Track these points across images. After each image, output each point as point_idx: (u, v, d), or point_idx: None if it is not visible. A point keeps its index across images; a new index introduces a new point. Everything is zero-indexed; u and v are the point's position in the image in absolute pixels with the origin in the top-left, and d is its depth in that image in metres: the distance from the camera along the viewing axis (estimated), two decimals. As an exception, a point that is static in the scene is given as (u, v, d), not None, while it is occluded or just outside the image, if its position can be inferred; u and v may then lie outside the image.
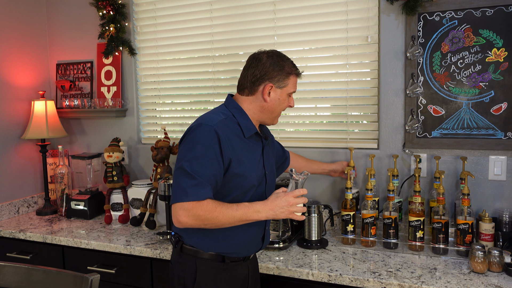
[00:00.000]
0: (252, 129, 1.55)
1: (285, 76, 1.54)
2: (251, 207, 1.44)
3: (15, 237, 2.33)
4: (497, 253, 1.65)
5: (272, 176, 1.68)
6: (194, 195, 1.38)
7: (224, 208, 1.41)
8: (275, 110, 1.58)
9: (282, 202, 1.45)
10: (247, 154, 1.51)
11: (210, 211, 1.39)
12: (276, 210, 1.44)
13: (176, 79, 2.67)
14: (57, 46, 2.92)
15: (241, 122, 1.53)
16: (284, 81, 1.54)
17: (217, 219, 1.40)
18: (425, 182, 2.13)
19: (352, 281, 1.64)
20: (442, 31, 2.03)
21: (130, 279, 2.07)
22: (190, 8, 2.56)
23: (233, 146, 1.47)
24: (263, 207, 1.44)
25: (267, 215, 1.44)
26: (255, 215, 1.44)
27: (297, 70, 1.59)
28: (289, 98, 1.60)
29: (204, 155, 1.41)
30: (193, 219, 1.39)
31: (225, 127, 1.47)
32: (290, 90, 1.57)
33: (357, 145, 2.28)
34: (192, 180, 1.39)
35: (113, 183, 2.51)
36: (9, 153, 2.66)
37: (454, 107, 2.05)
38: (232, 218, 1.42)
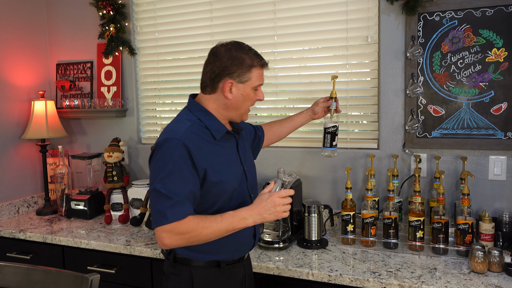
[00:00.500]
0: (222, 129, 1.47)
1: (246, 69, 1.43)
2: (236, 215, 1.37)
3: (15, 237, 2.33)
4: (497, 253, 1.65)
5: (252, 169, 1.62)
6: (174, 216, 1.31)
7: (208, 222, 1.35)
8: (240, 107, 1.48)
9: (268, 204, 1.38)
10: (221, 158, 1.45)
11: (193, 229, 1.33)
12: (263, 214, 1.39)
13: (176, 79, 2.67)
14: (57, 46, 2.92)
15: (209, 125, 1.45)
16: (245, 75, 1.43)
17: (202, 235, 1.34)
18: (425, 182, 2.13)
19: (352, 281, 1.64)
20: (442, 31, 2.03)
21: (130, 279, 2.07)
22: (190, 8, 2.56)
23: (206, 154, 1.40)
24: (249, 213, 1.38)
25: (255, 220, 1.39)
26: (242, 222, 1.38)
27: (261, 61, 1.46)
28: (256, 91, 1.49)
29: (176, 172, 1.34)
30: (177, 240, 1.34)
31: (193, 136, 1.39)
32: (254, 83, 1.45)
33: (357, 145, 2.28)
34: (169, 200, 1.32)
35: (113, 183, 2.51)
36: (9, 153, 2.66)
37: (454, 107, 2.05)
38: (218, 231, 1.36)
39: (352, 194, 2.08)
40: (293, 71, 2.39)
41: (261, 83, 1.50)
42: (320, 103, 1.94)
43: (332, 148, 1.88)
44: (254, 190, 1.61)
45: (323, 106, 1.94)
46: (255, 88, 1.48)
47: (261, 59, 1.47)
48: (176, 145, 1.35)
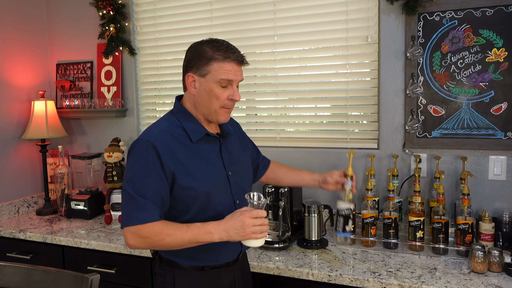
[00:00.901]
0: (200, 131, 1.42)
1: (205, 62, 1.35)
2: (203, 228, 1.31)
3: (15, 237, 2.33)
4: (497, 253, 1.65)
5: (241, 175, 1.53)
6: (138, 219, 1.30)
7: (173, 229, 1.31)
8: (207, 105, 1.40)
9: (236, 222, 1.30)
10: (196, 161, 1.39)
11: (156, 234, 1.30)
12: (230, 231, 1.30)
13: (176, 79, 2.67)
14: (57, 46, 2.92)
15: (186, 126, 1.41)
16: (204, 68, 1.36)
17: (164, 242, 1.31)
18: (425, 182, 2.13)
19: (352, 281, 1.64)
20: (442, 31, 2.03)
21: (130, 279, 2.07)
22: (190, 8, 2.57)
23: (177, 157, 1.36)
24: (215, 228, 1.31)
25: (221, 237, 1.31)
26: (207, 236, 1.31)
27: (225, 54, 1.34)
28: (226, 89, 1.38)
29: (144, 173, 1.32)
30: (140, 242, 1.32)
31: (166, 137, 1.36)
32: (215, 77, 1.35)
33: (357, 145, 2.28)
34: (135, 202, 1.31)
35: (113, 183, 2.51)
36: (9, 153, 2.66)
37: (454, 107, 2.05)
38: (181, 240, 1.31)
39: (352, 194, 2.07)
40: (293, 71, 2.39)
41: (230, 79, 1.37)
42: (335, 175, 1.69)
43: (345, 234, 1.64)
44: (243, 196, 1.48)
45: (337, 180, 1.68)
46: (222, 84, 1.37)
47: (226, 52, 1.35)
48: (146, 146, 1.33)
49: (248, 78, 2.50)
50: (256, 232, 1.31)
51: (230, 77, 1.37)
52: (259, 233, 1.31)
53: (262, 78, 2.50)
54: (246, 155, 1.64)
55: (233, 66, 1.37)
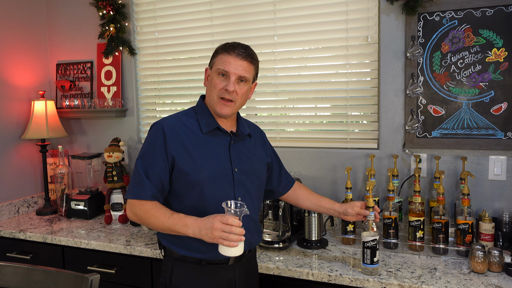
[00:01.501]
0: (212, 124, 1.52)
1: (214, 55, 1.53)
2: (183, 219, 1.38)
3: (15, 237, 2.33)
4: (497, 253, 1.65)
5: (248, 176, 1.56)
6: (135, 194, 1.44)
7: (159, 213, 1.41)
8: (209, 93, 1.52)
9: (208, 223, 1.32)
10: (201, 150, 1.48)
11: (145, 212, 1.42)
12: (201, 230, 1.33)
13: (176, 79, 2.67)
14: (57, 46, 2.92)
15: (200, 118, 1.53)
16: (212, 61, 1.52)
17: (149, 222, 1.43)
18: (425, 182, 2.13)
19: (352, 281, 1.64)
20: (442, 31, 2.03)
21: (130, 279, 2.07)
22: (190, 8, 2.56)
23: (183, 142, 1.47)
24: (192, 223, 1.36)
25: (194, 232, 1.35)
26: (183, 228, 1.37)
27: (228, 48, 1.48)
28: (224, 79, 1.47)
29: (150, 153, 1.47)
30: (134, 216, 1.46)
31: (178, 123, 1.50)
32: (217, 66, 1.48)
33: (357, 145, 2.28)
34: (138, 177, 1.45)
35: (113, 183, 2.51)
36: (9, 153, 2.66)
37: (454, 107, 2.05)
38: (162, 225, 1.41)
39: (352, 194, 2.08)
40: (293, 71, 2.39)
41: (225, 69, 1.46)
42: (356, 207, 1.68)
43: (373, 265, 1.64)
44: (247, 196, 1.54)
45: (358, 212, 1.68)
46: (220, 73, 1.48)
47: (229, 47, 1.48)
48: (156, 129, 1.49)
49: (248, 78, 2.49)
50: (223, 238, 1.30)
51: (227, 68, 1.46)
52: (225, 241, 1.30)
53: (262, 78, 2.49)
54: (261, 161, 1.66)
55: (234, 59, 1.47)
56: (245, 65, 1.48)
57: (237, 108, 1.53)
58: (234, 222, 1.30)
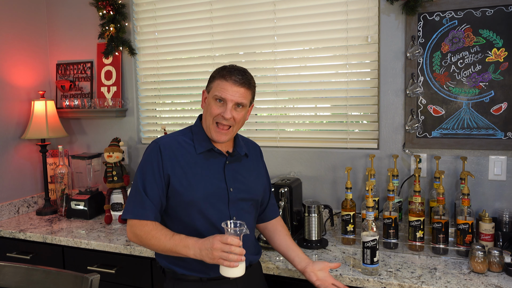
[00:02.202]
0: (206, 145, 1.51)
1: (211, 79, 1.52)
2: (184, 240, 1.37)
3: (15, 237, 2.33)
4: (497, 253, 1.65)
5: (243, 196, 1.54)
6: (135, 214, 1.43)
7: (160, 234, 1.40)
8: (206, 118, 1.51)
9: (207, 244, 1.31)
10: (196, 169, 1.48)
11: (145, 233, 1.41)
12: (202, 251, 1.32)
13: (176, 79, 2.67)
14: (57, 46, 2.92)
15: (195, 138, 1.53)
16: (210, 85, 1.52)
17: (150, 243, 1.41)
18: (425, 182, 2.13)
19: (352, 281, 1.64)
20: (442, 31, 2.03)
21: (130, 279, 2.07)
22: (190, 8, 2.56)
23: (178, 160, 1.47)
24: (193, 244, 1.35)
25: (195, 254, 1.34)
26: (184, 250, 1.36)
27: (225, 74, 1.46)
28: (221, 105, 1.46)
29: (149, 172, 1.46)
30: (134, 237, 1.45)
31: (173, 143, 1.50)
32: (214, 92, 1.47)
33: (357, 145, 2.28)
34: (139, 197, 1.44)
35: (113, 183, 2.51)
36: (9, 153, 2.66)
37: (454, 107, 2.05)
38: (163, 246, 1.39)
39: (352, 194, 2.08)
40: (293, 71, 2.39)
41: (222, 96, 1.45)
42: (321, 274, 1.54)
43: (373, 265, 1.64)
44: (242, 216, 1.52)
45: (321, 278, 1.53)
46: (217, 99, 1.46)
47: (226, 72, 1.46)
48: (153, 148, 1.49)
49: (248, 78, 2.50)
50: (223, 259, 1.28)
51: (224, 95, 1.46)
52: (225, 261, 1.28)
53: (262, 78, 2.50)
54: (258, 181, 1.65)
55: (231, 86, 1.46)
56: (242, 92, 1.47)
57: (234, 133, 1.54)
58: (234, 241, 1.28)
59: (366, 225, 1.67)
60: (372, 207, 1.71)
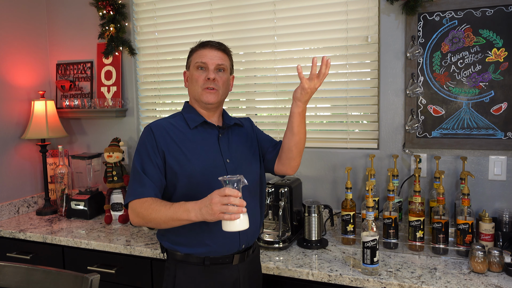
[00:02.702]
0: (198, 119, 1.56)
1: (189, 55, 1.60)
2: (183, 205, 1.34)
3: (15, 237, 2.33)
4: (497, 253, 1.65)
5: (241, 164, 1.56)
6: (135, 194, 1.45)
7: (160, 206, 1.39)
8: (193, 89, 1.57)
9: (206, 201, 1.28)
10: (190, 145, 1.51)
11: (145, 209, 1.41)
12: (201, 209, 1.28)
13: (176, 79, 2.67)
14: (57, 46, 2.92)
15: (186, 116, 1.58)
16: (189, 61, 1.60)
17: (151, 217, 1.40)
18: (425, 182, 2.13)
19: (352, 281, 1.64)
20: (442, 31, 2.03)
21: (130, 279, 2.07)
22: (190, 8, 2.56)
23: (172, 138, 1.51)
24: (193, 206, 1.32)
25: (196, 215, 1.30)
26: (185, 214, 1.32)
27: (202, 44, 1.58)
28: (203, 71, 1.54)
29: (144, 153, 1.49)
30: (136, 216, 1.44)
31: (165, 123, 1.54)
32: (194, 62, 1.56)
33: (357, 145, 2.28)
34: (138, 177, 1.46)
35: (113, 183, 2.51)
36: (9, 153, 2.66)
37: (454, 107, 2.05)
38: (165, 216, 1.36)
39: (352, 194, 2.08)
40: (293, 71, 2.39)
41: (203, 61, 1.54)
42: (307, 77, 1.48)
43: (373, 265, 1.64)
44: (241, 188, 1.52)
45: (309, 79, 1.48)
46: (199, 66, 1.55)
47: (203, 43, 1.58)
48: (146, 130, 1.53)
49: (248, 78, 2.50)
50: (224, 212, 1.24)
51: (204, 59, 1.54)
52: (226, 214, 1.24)
53: (262, 78, 2.50)
54: (254, 149, 1.68)
55: (209, 51, 1.55)
56: (220, 55, 1.57)
57: (221, 96, 1.57)
58: (233, 192, 1.24)
59: (366, 225, 1.67)
60: (372, 207, 1.71)
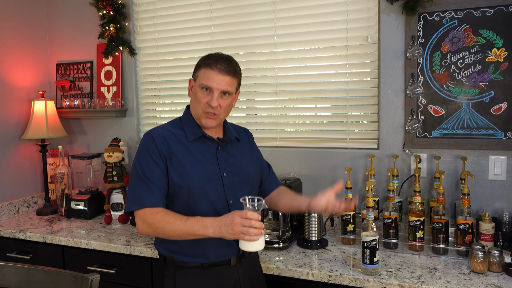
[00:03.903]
0: (197, 133, 1.54)
1: (197, 68, 1.54)
2: (200, 221, 1.38)
3: (15, 237, 2.33)
4: (497, 253, 1.65)
5: (238, 179, 1.57)
6: (143, 203, 1.43)
7: (174, 218, 1.40)
8: (194, 107, 1.55)
9: (227, 220, 1.33)
10: (189, 157, 1.50)
11: (159, 220, 1.40)
12: (221, 227, 1.33)
13: (176, 79, 2.67)
14: (57, 46, 2.92)
15: (185, 127, 1.55)
16: (196, 73, 1.54)
17: (164, 229, 1.40)
18: (425, 182, 2.13)
19: (352, 281, 1.64)
20: (442, 31, 2.03)
21: (130, 279, 2.07)
22: (190, 8, 2.56)
23: (171, 147, 1.49)
24: (211, 223, 1.36)
25: (214, 231, 1.35)
26: (203, 229, 1.36)
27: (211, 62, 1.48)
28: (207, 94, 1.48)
29: (147, 159, 1.48)
30: (146, 227, 1.43)
31: (165, 132, 1.53)
32: (200, 81, 1.49)
33: (357, 145, 2.28)
34: (143, 185, 1.45)
35: (113, 183, 2.51)
36: (9, 153, 2.66)
37: (454, 107, 2.05)
38: (180, 230, 1.38)
39: (352, 194, 2.07)
40: (293, 71, 2.39)
41: (208, 84, 1.47)
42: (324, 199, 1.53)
43: (373, 265, 1.64)
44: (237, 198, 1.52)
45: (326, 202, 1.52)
46: (203, 87, 1.49)
47: (212, 61, 1.48)
48: (146, 137, 1.52)
49: (248, 78, 2.50)
50: (244, 233, 1.30)
51: (210, 83, 1.48)
52: (246, 235, 1.30)
53: (262, 78, 2.50)
54: (251, 163, 1.67)
55: (216, 75, 1.48)
56: (227, 80, 1.49)
57: (221, 120, 1.57)
58: (253, 216, 1.31)
59: (366, 225, 1.67)
60: (372, 207, 1.71)
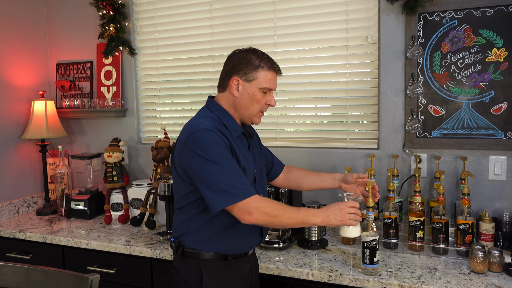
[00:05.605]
0: (238, 129, 1.55)
1: (253, 68, 1.50)
2: (311, 211, 1.51)
3: (15, 237, 2.33)
4: (497, 253, 1.64)
5: (262, 173, 1.67)
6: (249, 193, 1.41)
7: (285, 207, 1.48)
8: (248, 107, 1.54)
9: (336, 209, 1.51)
10: (238, 152, 1.53)
11: (277, 208, 1.45)
12: (329, 216, 1.50)
13: (176, 79, 2.67)
14: (57, 46, 2.92)
15: (227, 123, 1.53)
16: (251, 74, 1.50)
17: (281, 218, 1.45)
18: (425, 182, 2.13)
19: (352, 281, 1.64)
20: (442, 31, 2.03)
21: (130, 279, 2.07)
22: (190, 8, 2.56)
23: (230, 142, 1.50)
24: (320, 212, 1.51)
25: (323, 220, 1.49)
26: (313, 218, 1.49)
27: (272, 65, 1.53)
28: (265, 95, 1.54)
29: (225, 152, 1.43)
30: (264, 216, 1.42)
31: (219, 126, 1.51)
32: (261, 84, 1.51)
33: (357, 145, 2.28)
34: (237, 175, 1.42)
35: (113, 183, 2.51)
36: (9, 153, 2.66)
37: (454, 107, 2.05)
38: (295, 218, 1.47)
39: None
40: (293, 71, 2.39)
41: (271, 87, 1.54)
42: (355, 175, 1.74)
43: (373, 266, 1.64)
44: (263, 193, 1.66)
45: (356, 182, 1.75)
46: (264, 91, 1.53)
47: (272, 64, 1.53)
48: (208, 133, 1.42)
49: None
50: (351, 219, 1.51)
51: (272, 85, 1.54)
52: (354, 220, 1.52)
53: (262, 78, 2.49)
54: (261, 155, 1.76)
55: (274, 76, 1.55)
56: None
57: None
58: (356, 204, 1.54)
59: (366, 225, 1.67)
60: (372, 207, 1.71)
